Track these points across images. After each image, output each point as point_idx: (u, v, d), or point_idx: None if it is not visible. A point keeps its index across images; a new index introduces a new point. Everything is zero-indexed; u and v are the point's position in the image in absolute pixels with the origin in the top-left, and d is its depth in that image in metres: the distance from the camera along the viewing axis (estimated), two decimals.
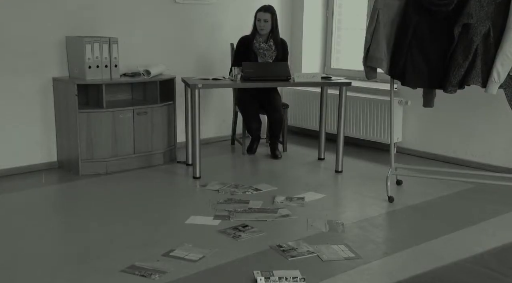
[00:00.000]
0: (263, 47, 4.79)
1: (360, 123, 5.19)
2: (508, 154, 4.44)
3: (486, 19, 3.34)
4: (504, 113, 4.17)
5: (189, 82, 4.28)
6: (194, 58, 5.25)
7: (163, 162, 4.67)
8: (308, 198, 3.84)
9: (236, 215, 3.47)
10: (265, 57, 4.80)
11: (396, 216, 3.59)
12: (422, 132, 4.98)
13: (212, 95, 5.43)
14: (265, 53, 4.79)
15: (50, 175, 4.28)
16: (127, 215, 3.52)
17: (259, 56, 4.81)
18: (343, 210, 3.73)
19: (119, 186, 4.12)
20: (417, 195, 3.94)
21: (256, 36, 4.80)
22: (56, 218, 3.53)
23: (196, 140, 4.23)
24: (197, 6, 5.21)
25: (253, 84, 4.44)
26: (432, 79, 3.59)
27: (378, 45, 3.64)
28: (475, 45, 3.37)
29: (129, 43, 4.72)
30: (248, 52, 4.79)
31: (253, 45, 4.80)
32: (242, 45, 4.86)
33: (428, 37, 3.55)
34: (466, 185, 4.07)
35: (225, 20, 5.38)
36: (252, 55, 4.79)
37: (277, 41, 4.83)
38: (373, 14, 3.66)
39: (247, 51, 4.79)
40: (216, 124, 5.54)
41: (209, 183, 4.13)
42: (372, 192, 3.97)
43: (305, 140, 5.54)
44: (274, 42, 4.82)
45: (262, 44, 4.79)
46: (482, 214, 3.56)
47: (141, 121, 4.49)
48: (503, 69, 3.34)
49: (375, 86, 5.23)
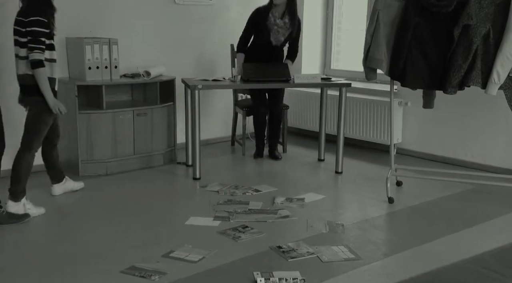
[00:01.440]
0: (278, 23, 4.49)
1: (360, 124, 5.19)
2: (508, 155, 4.44)
3: (486, 20, 3.34)
4: (504, 114, 4.17)
5: (189, 83, 4.29)
6: (194, 59, 5.26)
7: (163, 163, 4.68)
8: (308, 199, 3.84)
9: (236, 216, 3.47)
10: (278, 34, 4.55)
11: (396, 217, 3.59)
12: (422, 133, 4.98)
13: (212, 96, 5.43)
14: (279, 30, 4.52)
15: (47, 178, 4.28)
16: (127, 216, 3.52)
17: (272, 33, 4.53)
18: (343, 211, 3.72)
19: (119, 187, 4.12)
20: (417, 196, 3.94)
21: (272, 10, 4.50)
22: (56, 218, 3.53)
23: (196, 141, 4.23)
24: (197, 7, 5.22)
25: (253, 85, 4.45)
26: (432, 80, 3.59)
27: (378, 46, 3.64)
28: (475, 46, 3.37)
29: (129, 44, 4.72)
30: (260, 26, 4.53)
31: (267, 19, 4.50)
32: (255, 18, 4.56)
33: (428, 38, 3.55)
34: (466, 186, 4.06)
35: (225, 21, 5.38)
36: (265, 31, 4.52)
37: (293, 16, 4.52)
38: (373, 15, 3.66)
39: (260, 26, 4.53)
40: (216, 125, 5.54)
41: (209, 184, 4.13)
42: (372, 193, 3.97)
43: (305, 141, 5.54)
44: (290, 18, 4.51)
45: (278, 20, 4.49)
46: (482, 215, 3.56)
47: (141, 122, 4.49)
48: (503, 70, 3.34)
49: (375, 87, 5.23)
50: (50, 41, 3.40)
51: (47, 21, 3.33)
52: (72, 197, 3.88)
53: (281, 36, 4.55)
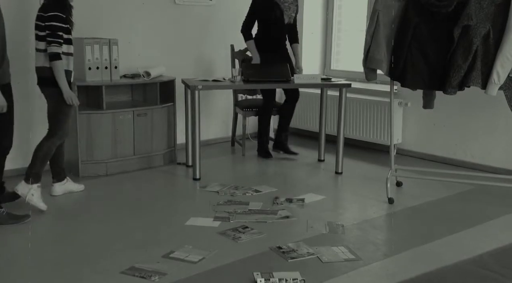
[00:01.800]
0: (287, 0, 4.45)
1: (360, 125, 5.19)
2: (508, 155, 4.44)
3: (486, 20, 3.34)
4: (504, 114, 4.17)
5: (189, 84, 4.29)
6: (194, 60, 5.26)
7: (163, 163, 4.67)
8: (308, 199, 3.84)
9: (236, 216, 3.47)
10: (289, 10, 4.47)
11: (396, 217, 3.59)
12: (422, 134, 4.98)
13: (212, 96, 5.43)
14: (290, 6, 4.47)
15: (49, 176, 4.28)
16: (127, 216, 3.52)
17: (285, 11, 4.45)
18: (343, 211, 3.72)
19: (119, 187, 4.12)
20: (417, 196, 3.94)
21: None
22: (56, 219, 3.53)
23: (196, 141, 4.23)
24: (197, 7, 5.22)
25: (253, 85, 4.45)
26: (432, 80, 3.59)
27: (378, 46, 3.64)
28: (475, 47, 3.36)
29: (129, 44, 4.72)
30: (270, 5, 4.44)
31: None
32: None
33: (428, 38, 3.55)
34: (466, 186, 4.06)
35: (225, 22, 5.38)
36: (277, 9, 4.41)
37: None
38: (373, 15, 3.66)
39: (269, 4, 4.45)
40: (216, 126, 5.54)
41: (209, 185, 4.13)
42: (372, 194, 3.97)
43: (305, 141, 5.54)
44: None
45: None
46: (482, 216, 3.55)
47: (141, 123, 4.49)
48: (503, 70, 3.34)
49: (375, 87, 5.23)
50: (68, 36, 3.57)
51: (65, 16, 3.50)
52: (72, 197, 3.88)
53: (292, 12, 4.53)
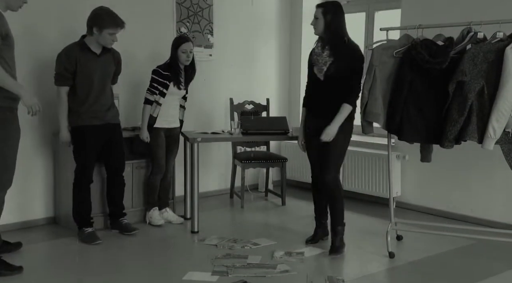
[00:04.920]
0: (317, 52, 3.77)
1: (359, 177, 5.20)
2: (507, 209, 4.42)
3: (479, 76, 3.41)
4: (502, 168, 4.15)
5: (188, 136, 4.32)
6: (193, 112, 5.29)
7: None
8: (308, 253, 3.80)
9: (235, 270, 3.41)
10: (318, 64, 3.74)
11: (397, 273, 3.53)
12: (421, 187, 4.98)
13: (210, 149, 5.45)
14: (318, 59, 3.75)
15: (47, 230, 4.24)
16: (124, 270, 3.47)
17: (315, 65, 3.78)
18: (343, 265, 3.67)
19: (116, 240, 4.06)
20: (418, 251, 3.89)
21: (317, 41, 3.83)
22: (50, 273, 3.46)
23: (194, 194, 4.22)
24: (197, 62, 5.31)
25: (252, 137, 4.49)
26: (429, 134, 3.63)
27: (375, 101, 3.70)
28: (469, 102, 3.41)
29: (128, 98, 4.78)
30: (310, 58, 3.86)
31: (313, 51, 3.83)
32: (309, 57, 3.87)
33: (423, 93, 3.61)
34: (467, 241, 4.02)
35: (224, 75, 5.48)
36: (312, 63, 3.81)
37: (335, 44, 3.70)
38: (370, 71, 3.74)
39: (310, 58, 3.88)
40: (214, 178, 5.54)
41: (207, 238, 4.09)
42: (372, 247, 3.93)
43: (304, 193, 5.52)
44: (331, 47, 3.69)
45: (317, 49, 3.78)
46: (485, 271, 3.50)
47: (139, 175, 4.49)
48: (499, 125, 3.37)
49: (372, 140, 5.27)
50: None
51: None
52: (68, 251, 3.82)
53: (322, 66, 3.71)
